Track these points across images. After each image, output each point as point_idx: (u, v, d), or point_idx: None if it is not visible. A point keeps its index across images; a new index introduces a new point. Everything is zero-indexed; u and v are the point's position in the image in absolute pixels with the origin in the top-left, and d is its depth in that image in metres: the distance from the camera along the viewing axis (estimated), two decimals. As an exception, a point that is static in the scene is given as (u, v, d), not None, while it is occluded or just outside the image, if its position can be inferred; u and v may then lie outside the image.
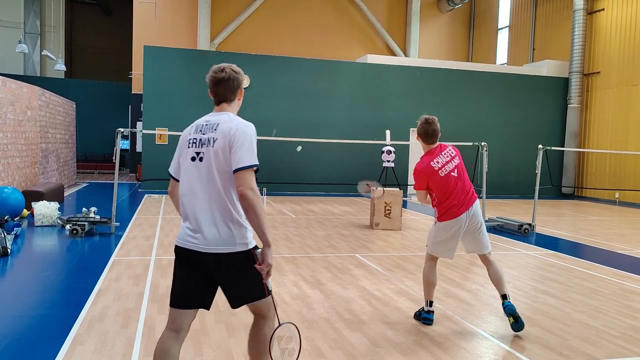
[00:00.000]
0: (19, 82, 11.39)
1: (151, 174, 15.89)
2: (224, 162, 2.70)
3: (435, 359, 3.92)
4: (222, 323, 4.52)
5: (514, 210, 14.09)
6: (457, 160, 4.64)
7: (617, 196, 16.96)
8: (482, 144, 10.20)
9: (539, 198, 10.25)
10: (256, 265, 2.73)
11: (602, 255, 8.30)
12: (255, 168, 2.68)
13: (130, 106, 22.06)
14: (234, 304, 2.89)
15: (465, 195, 4.56)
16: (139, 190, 16.17)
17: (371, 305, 5.18)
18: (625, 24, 17.22)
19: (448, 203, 4.52)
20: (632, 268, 7.39)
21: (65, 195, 13.82)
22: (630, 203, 16.71)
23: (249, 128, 2.77)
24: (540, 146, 10.52)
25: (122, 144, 26.73)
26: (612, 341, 4.43)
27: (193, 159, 2.80)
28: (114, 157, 8.64)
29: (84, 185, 17.32)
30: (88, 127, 23.70)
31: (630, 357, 4.12)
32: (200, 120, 2.92)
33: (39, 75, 26.83)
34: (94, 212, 8.89)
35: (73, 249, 7.56)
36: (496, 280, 4.59)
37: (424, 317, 4.68)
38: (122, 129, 8.78)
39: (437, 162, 4.57)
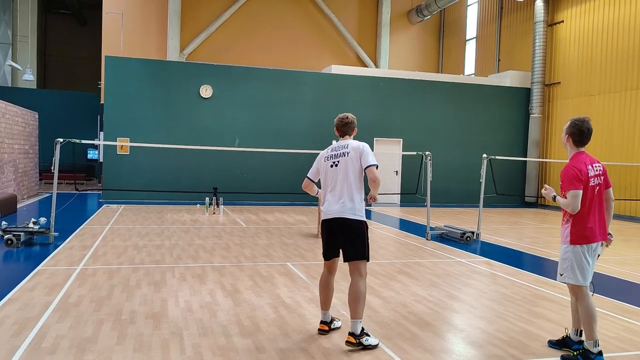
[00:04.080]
0: (-31, 92, 11.36)
1: (113, 184, 15.90)
2: (357, 164, 4.47)
3: (313, 364, 4.00)
4: (116, 331, 4.56)
5: (471, 219, 14.24)
6: (601, 180, 4.30)
7: (576, 204, 17.17)
8: (427, 153, 10.33)
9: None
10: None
11: (532, 262, 8.46)
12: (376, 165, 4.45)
13: (99, 116, 22.05)
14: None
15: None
16: (100, 200, 16.14)
17: (276, 313, 5.25)
18: (583, 36, 17.58)
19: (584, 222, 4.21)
20: (553, 274, 7.53)
21: (20, 205, 13.77)
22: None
23: (366, 144, 4.59)
24: (484, 155, 10.71)
25: (93, 154, 26.67)
26: (497, 345, 4.54)
27: (331, 165, 4.58)
28: (52, 167, 8.64)
29: (46, 195, 17.22)
30: (57, 137, 23.55)
31: (505, 358, 4.22)
32: (333, 145, 4.74)
33: (9, 85, 26.70)
34: (34, 222, 8.88)
35: (4, 259, 7.55)
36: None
37: None
38: (60, 139, 8.81)
39: (590, 170, 4.23)
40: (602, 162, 4.47)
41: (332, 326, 4.72)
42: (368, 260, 4.50)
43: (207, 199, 13.83)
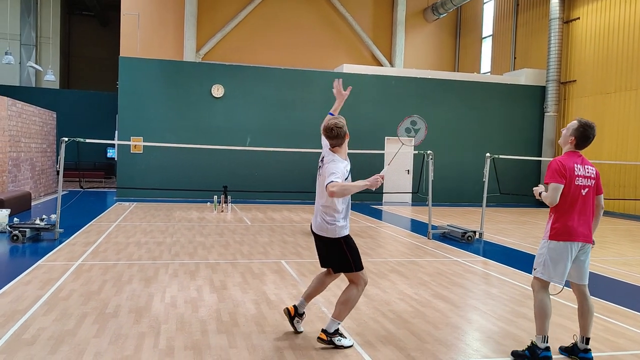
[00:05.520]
0: (-15, 93, 11.76)
1: (127, 182, 16.23)
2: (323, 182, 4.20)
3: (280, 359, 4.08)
4: (97, 324, 4.70)
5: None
6: (592, 183, 4.31)
7: (591, 204, 16.87)
8: (428, 152, 10.32)
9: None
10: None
11: (529, 262, 8.35)
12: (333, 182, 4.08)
13: (117, 115, 22.48)
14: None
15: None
16: (115, 198, 16.49)
17: (257, 309, 5.34)
18: (599, 33, 17.26)
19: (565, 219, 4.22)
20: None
21: (36, 203, 14.17)
22: (604, 211, 16.63)
23: (340, 163, 4.26)
24: (487, 154, 10.64)
25: (112, 153, 27.13)
26: (469, 344, 4.55)
27: (318, 174, 4.44)
28: (57, 166, 8.89)
29: (64, 193, 17.62)
30: (80, 136, 24.10)
31: (474, 358, 4.23)
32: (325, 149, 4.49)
33: (34, 85, 27.41)
34: (41, 219, 9.16)
35: (8, 254, 7.82)
36: (586, 317, 4.30)
37: (544, 355, 4.15)
38: (65, 138, 9.07)
39: (579, 169, 4.27)
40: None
41: (298, 316, 4.64)
42: (359, 270, 4.35)
43: (215, 197, 14.02)
